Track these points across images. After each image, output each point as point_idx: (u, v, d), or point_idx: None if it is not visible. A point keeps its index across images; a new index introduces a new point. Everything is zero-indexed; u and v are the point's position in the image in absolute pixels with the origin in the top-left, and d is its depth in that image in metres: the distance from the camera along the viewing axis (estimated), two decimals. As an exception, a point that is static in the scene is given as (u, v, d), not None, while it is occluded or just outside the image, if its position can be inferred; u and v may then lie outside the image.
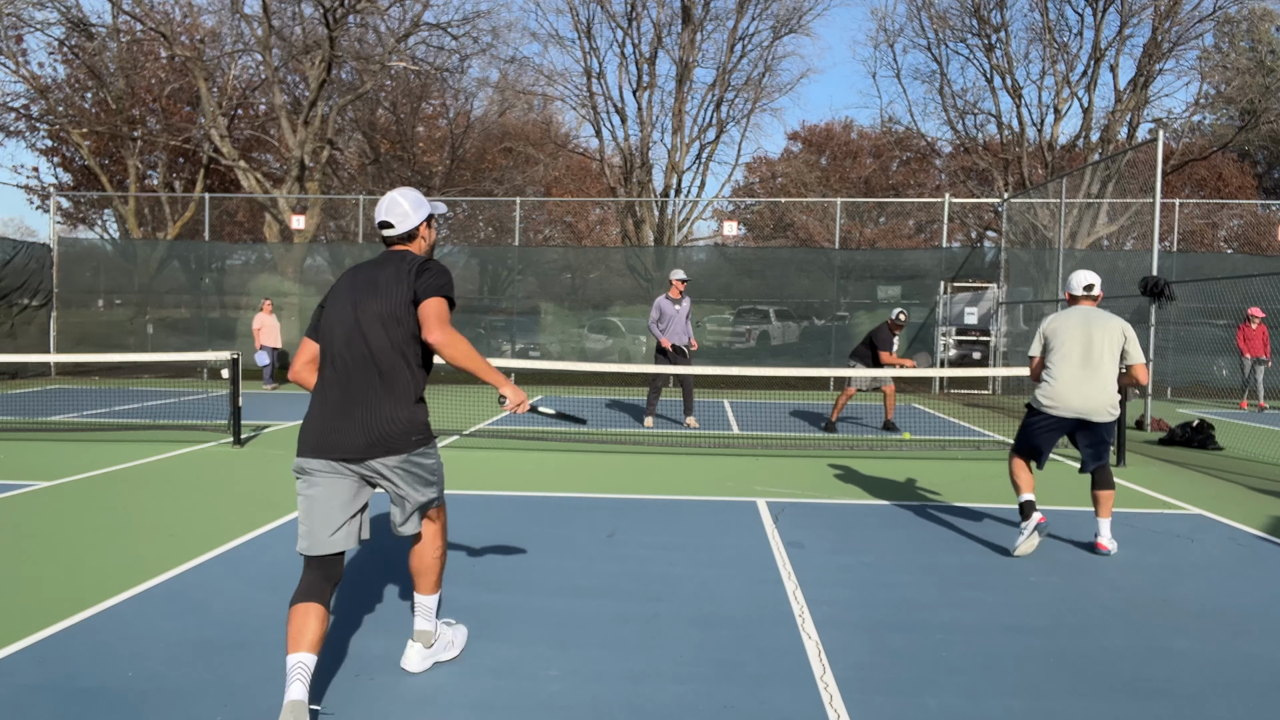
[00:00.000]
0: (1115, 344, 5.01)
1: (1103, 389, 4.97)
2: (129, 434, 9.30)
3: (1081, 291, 5.23)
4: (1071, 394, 4.98)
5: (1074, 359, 5.00)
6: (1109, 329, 5.01)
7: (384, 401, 3.05)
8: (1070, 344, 5.02)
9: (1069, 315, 5.11)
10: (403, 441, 3.07)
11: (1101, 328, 5.01)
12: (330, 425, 3.02)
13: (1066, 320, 5.09)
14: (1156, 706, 3.14)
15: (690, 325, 10.67)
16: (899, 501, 6.56)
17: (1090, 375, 4.97)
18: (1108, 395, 4.98)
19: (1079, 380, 4.98)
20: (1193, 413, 12.73)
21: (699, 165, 24.22)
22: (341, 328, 3.10)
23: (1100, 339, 4.99)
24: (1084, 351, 4.99)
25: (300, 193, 20.13)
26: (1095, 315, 5.07)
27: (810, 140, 38.23)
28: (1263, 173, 33.47)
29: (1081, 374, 4.98)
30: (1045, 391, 5.08)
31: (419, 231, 3.32)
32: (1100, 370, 4.97)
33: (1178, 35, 20.41)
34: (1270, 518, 6.17)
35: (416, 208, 3.29)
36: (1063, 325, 5.08)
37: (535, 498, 6.50)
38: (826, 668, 3.44)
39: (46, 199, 26.57)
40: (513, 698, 3.14)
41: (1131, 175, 20.65)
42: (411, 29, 21.15)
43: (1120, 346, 5.03)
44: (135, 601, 4.07)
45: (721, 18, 23.30)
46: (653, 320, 10.44)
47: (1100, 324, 5.02)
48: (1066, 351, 5.02)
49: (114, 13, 21.34)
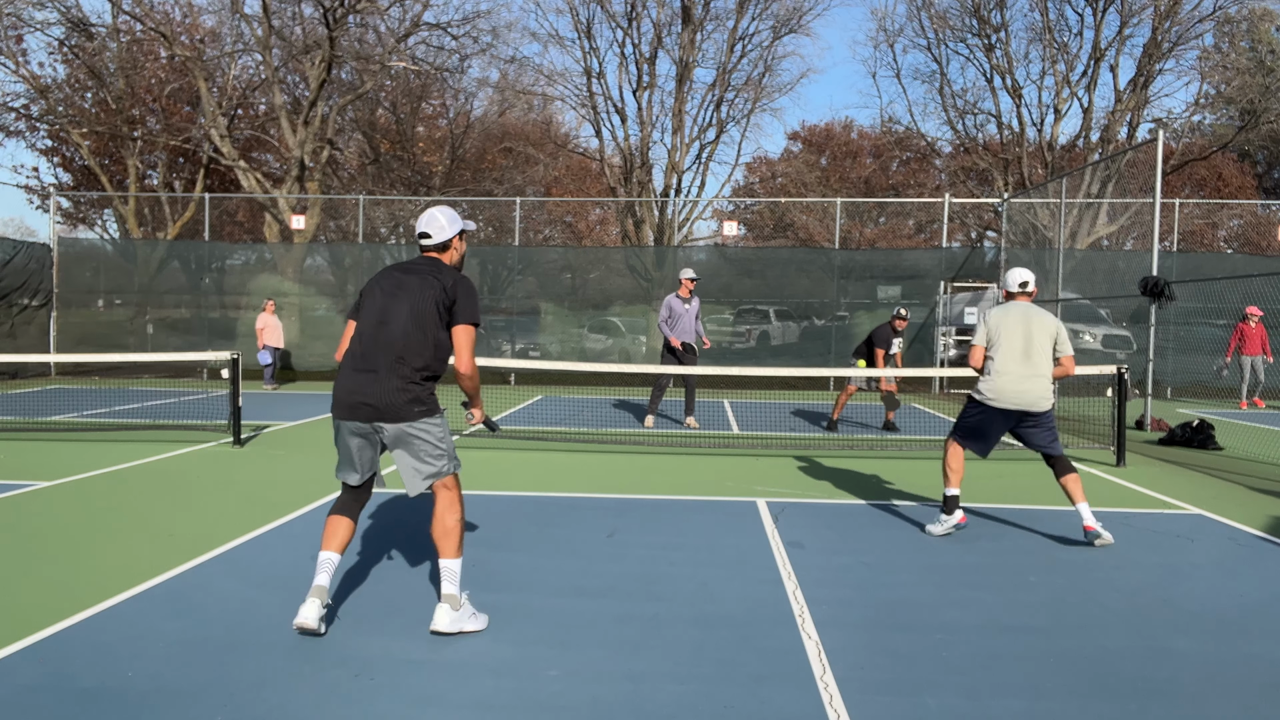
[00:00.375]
0: (1050, 338, 5.35)
1: (1040, 383, 5.30)
2: (129, 434, 9.30)
3: (1017, 289, 5.56)
4: (1011, 388, 5.29)
5: (1016, 354, 5.31)
6: (1045, 324, 5.36)
7: (393, 377, 3.59)
8: (1012, 339, 5.33)
9: (1009, 311, 5.43)
10: (405, 412, 3.60)
11: (1039, 323, 5.34)
12: (349, 389, 3.65)
13: (1008, 316, 5.40)
14: (1156, 706, 3.14)
15: (701, 324, 10.70)
16: (899, 501, 6.56)
17: (1030, 371, 5.30)
18: (1044, 386, 5.32)
19: (1021, 375, 5.29)
20: (1193, 413, 12.73)
21: (699, 165, 24.22)
22: (373, 313, 3.70)
23: (1038, 334, 5.32)
24: (1025, 347, 5.31)
25: (300, 193, 20.13)
26: (1033, 311, 5.40)
27: (810, 140, 38.23)
28: (1263, 173, 33.47)
29: (1023, 369, 5.30)
30: (989, 385, 5.37)
31: (452, 243, 3.87)
32: (1039, 364, 5.31)
33: (1178, 35, 20.42)
34: (1270, 518, 6.17)
35: (452, 223, 3.85)
36: (1006, 322, 5.38)
37: (535, 498, 6.50)
38: (826, 668, 3.44)
39: (46, 199, 26.57)
40: (513, 698, 3.14)
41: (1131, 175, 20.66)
42: (411, 29, 21.15)
43: (1054, 341, 5.37)
44: (135, 601, 4.07)
45: (721, 18, 23.30)
46: (662, 319, 10.41)
47: (1037, 320, 5.35)
48: (1007, 346, 5.33)
49: (114, 13, 21.34)
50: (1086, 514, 5.29)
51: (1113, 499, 6.73)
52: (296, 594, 4.21)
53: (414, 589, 4.33)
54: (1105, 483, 7.42)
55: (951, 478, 5.48)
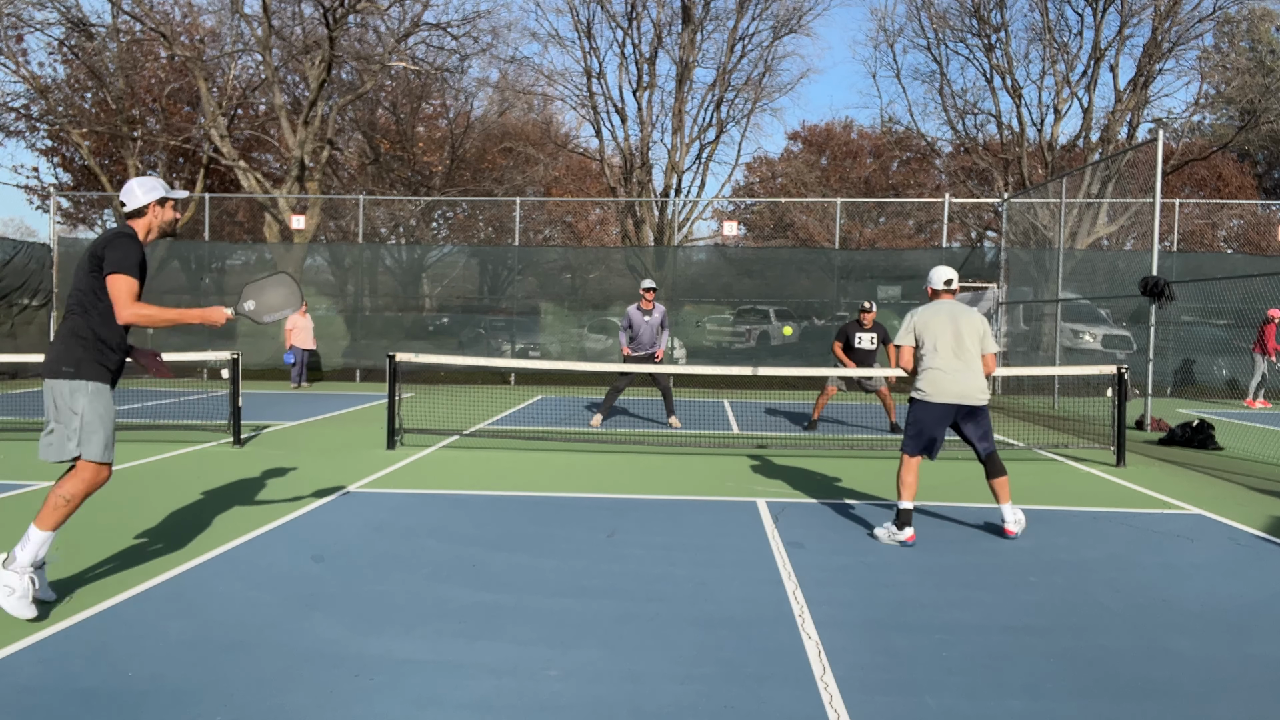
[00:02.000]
0: (978, 334, 5.42)
1: (975, 376, 5.39)
2: (129, 434, 9.30)
3: (942, 286, 5.61)
4: (950, 382, 5.34)
5: (946, 350, 5.38)
6: (972, 321, 5.43)
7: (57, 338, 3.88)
8: (943, 337, 5.39)
9: (937, 309, 5.48)
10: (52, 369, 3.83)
11: (966, 320, 5.42)
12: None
13: (936, 314, 5.45)
14: (1156, 706, 3.14)
15: (664, 334, 10.60)
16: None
17: (964, 364, 5.37)
18: (980, 380, 5.40)
19: (955, 369, 5.36)
20: (1193, 413, 12.73)
21: (699, 165, 24.22)
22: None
23: (966, 330, 5.39)
24: (955, 343, 5.38)
25: (300, 193, 20.13)
26: (959, 308, 5.49)
27: (810, 140, 38.24)
28: (1263, 173, 33.47)
29: (956, 363, 5.37)
30: (926, 381, 5.42)
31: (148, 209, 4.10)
32: (971, 359, 5.39)
33: (1178, 35, 20.41)
34: (1270, 518, 6.17)
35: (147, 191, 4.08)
36: (933, 321, 5.43)
37: (535, 498, 6.50)
38: (826, 668, 3.44)
39: (46, 199, 26.58)
40: (513, 698, 3.14)
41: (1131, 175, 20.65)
42: (411, 29, 21.15)
43: (981, 336, 5.44)
44: (135, 601, 4.07)
45: (721, 18, 23.31)
46: (622, 328, 10.52)
47: (964, 316, 5.44)
48: (939, 344, 5.39)
49: (114, 13, 21.34)
50: (1009, 516, 5.42)
51: (1113, 499, 6.73)
52: (297, 594, 4.21)
53: (414, 589, 4.33)
54: (1105, 483, 7.42)
55: (904, 492, 5.37)
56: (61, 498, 3.73)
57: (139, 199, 4.04)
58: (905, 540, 5.31)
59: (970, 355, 5.37)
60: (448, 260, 22.78)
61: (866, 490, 6.97)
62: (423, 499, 6.35)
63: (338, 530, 5.43)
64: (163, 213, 4.13)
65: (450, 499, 6.38)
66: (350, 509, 6.03)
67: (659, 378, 10.36)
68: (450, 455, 8.30)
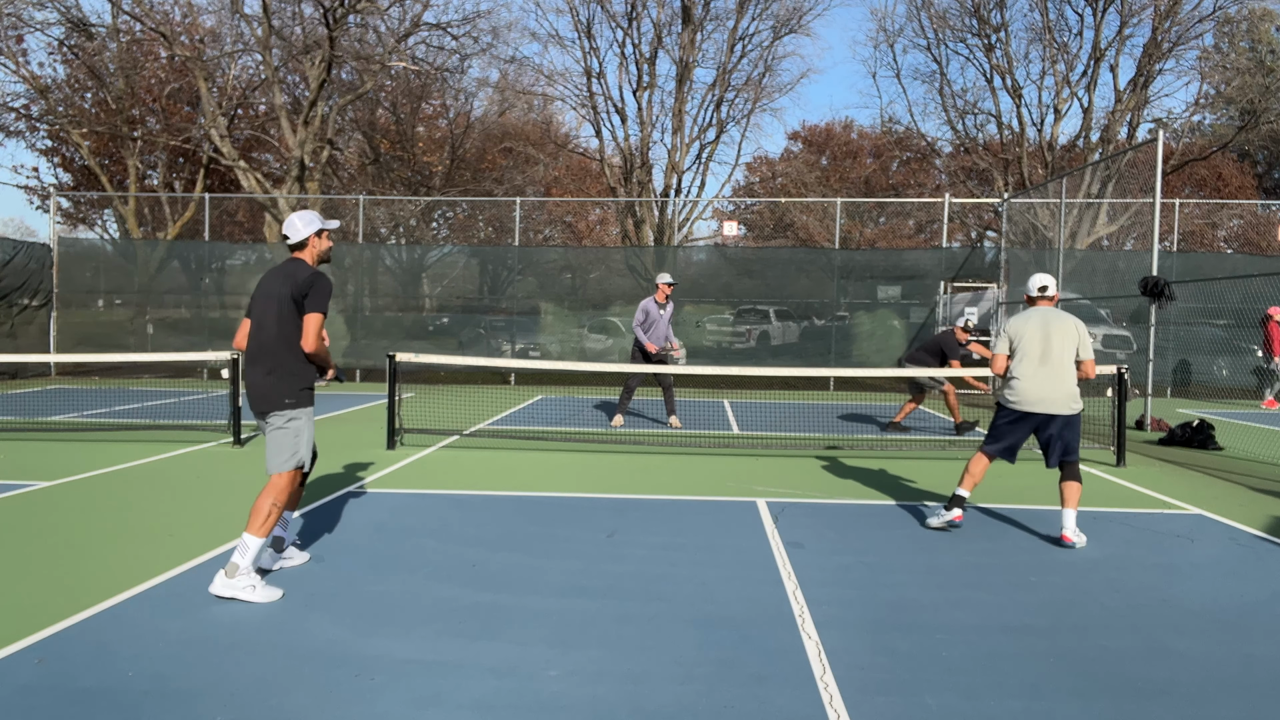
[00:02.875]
0: (1071, 341, 5.40)
1: (1061, 383, 5.37)
2: (129, 434, 9.30)
3: (1037, 293, 5.66)
4: (1032, 389, 5.39)
5: (1034, 357, 5.42)
6: (1065, 328, 5.42)
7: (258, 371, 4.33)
8: (1030, 343, 5.44)
9: (1029, 316, 5.52)
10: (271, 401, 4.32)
11: (1059, 327, 5.42)
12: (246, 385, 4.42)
13: (1027, 322, 5.50)
14: (1156, 706, 3.14)
15: (671, 329, 10.77)
16: (899, 501, 6.56)
17: (1049, 371, 5.38)
18: (1067, 389, 5.38)
19: (1041, 376, 5.39)
20: (1193, 413, 12.73)
21: (699, 165, 24.23)
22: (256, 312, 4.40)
23: (1057, 337, 5.39)
24: (1043, 350, 5.40)
25: (300, 193, 20.13)
26: (1052, 315, 5.49)
27: (810, 140, 38.25)
28: (1263, 173, 33.48)
29: (1041, 370, 5.39)
30: (1011, 388, 5.50)
31: (309, 242, 4.47)
32: (1058, 366, 5.38)
33: (1177, 35, 20.42)
34: (1270, 518, 6.17)
35: (307, 224, 4.43)
36: (1024, 326, 5.49)
37: (535, 498, 6.50)
38: (826, 668, 3.44)
39: (46, 199, 26.58)
40: (513, 698, 3.14)
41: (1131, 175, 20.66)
42: (411, 29, 21.15)
43: (1076, 343, 5.41)
44: (135, 601, 4.07)
45: (721, 18, 23.31)
46: (638, 323, 10.50)
47: (1057, 323, 5.43)
48: (1027, 350, 5.44)
49: (114, 13, 21.34)
50: (1070, 524, 5.34)
51: (1113, 499, 6.72)
52: (297, 594, 4.21)
53: (414, 589, 4.33)
54: (1105, 483, 7.42)
55: (967, 480, 5.62)
56: (275, 506, 4.23)
57: (301, 232, 4.42)
58: (953, 520, 5.55)
59: (1059, 362, 5.37)
60: (448, 260, 22.77)
61: (867, 490, 6.97)
62: (423, 499, 6.35)
63: (338, 530, 5.44)
64: (320, 242, 4.50)
65: (450, 499, 6.38)
66: (350, 509, 6.03)
67: (662, 376, 10.40)
68: (450, 455, 8.30)
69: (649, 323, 10.48)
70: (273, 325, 4.28)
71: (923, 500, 6.60)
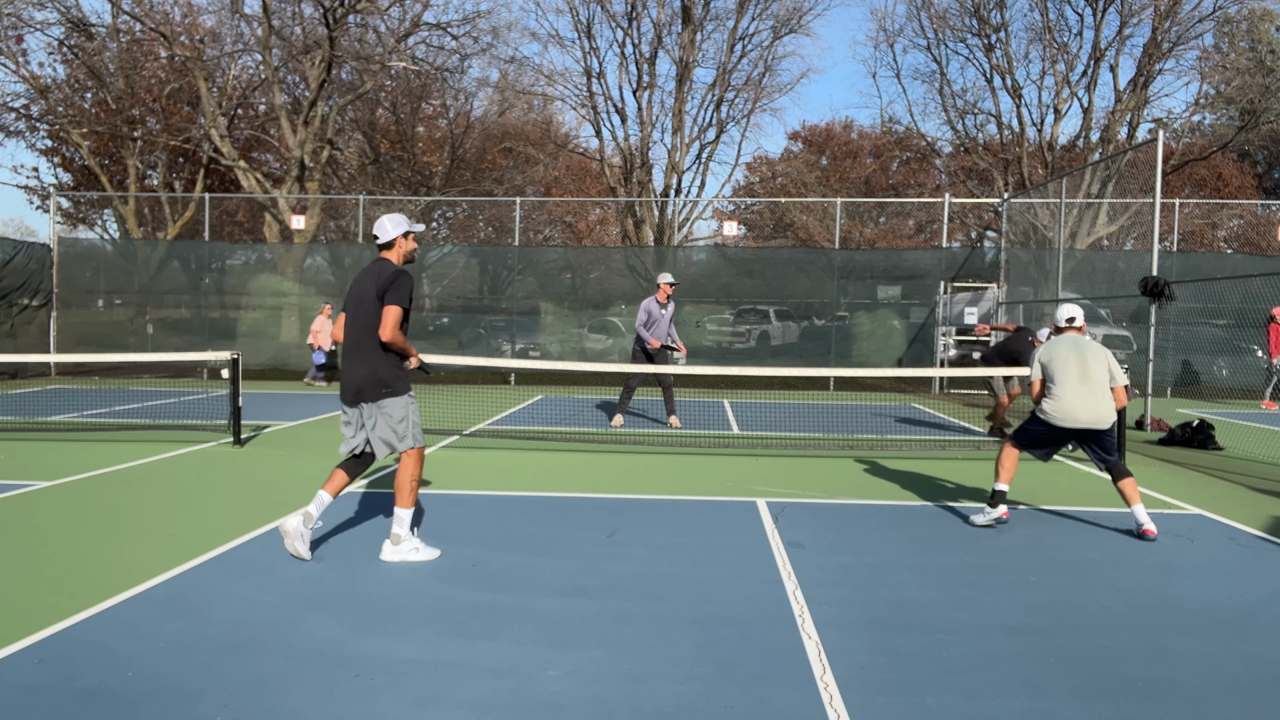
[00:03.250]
0: (1103, 366, 5.72)
1: (1102, 401, 5.64)
2: (129, 434, 9.30)
3: (1065, 323, 6.01)
4: (1078, 409, 5.61)
5: (1073, 378, 5.67)
6: (1097, 353, 5.76)
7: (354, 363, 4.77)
8: (1068, 366, 5.70)
9: (1060, 344, 5.83)
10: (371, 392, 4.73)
11: (1092, 351, 5.75)
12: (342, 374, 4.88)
13: (1059, 349, 5.79)
14: (1156, 706, 3.14)
15: (674, 329, 10.77)
16: (899, 501, 6.56)
17: (1090, 390, 5.64)
18: (1107, 404, 5.65)
19: (1082, 395, 5.63)
20: (1193, 413, 12.73)
21: (699, 165, 24.23)
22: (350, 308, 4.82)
23: (1092, 360, 5.71)
24: (1080, 371, 5.66)
25: (300, 193, 20.13)
26: (1083, 341, 5.83)
27: (810, 140, 38.25)
28: (1263, 173, 33.48)
29: (1083, 389, 5.64)
30: (1053, 407, 5.70)
31: (396, 243, 4.86)
32: (1098, 386, 5.67)
33: (1178, 35, 20.42)
34: (1270, 518, 6.17)
35: (396, 226, 4.84)
36: (1058, 353, 5.77)
37: (535, 498, 6.50)
38: (826, 668, 3.44)
39: (46, 199, 26.58)
40: (513, 698, 3.14)
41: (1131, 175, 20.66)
42: (411, 29, 21.15)
43: (1108, 368, 5.72)
44: (135, 601, 4.07)
45: (721, 18, 23.32)
46: (640, 323, 10.51)
47: (1090, 349, 5.77)
48: (1066, 373, 5.69)
49: (114, 13, 21.34)
50: (1143, 517, 5.56)
51: (1113, 499, 6.72)
52: (297, 594, 4.21)
53: (414, 589, 4.33)
54: (1105, 483, 7.42)
55: (1002, 474, 5.79)
56: (413, 479, 4.75)
57: (390, 233, 4.80)
58: (1000, 516, 5.71)
59: (1097, 383, 5.64)
60: (448, 260, 22.77)
61: (867, 490, 6.97)
62: (423, 499, 6.35)
63: (338, 530, 5.44)
64: (406, 243, 4.86)
65: (450, 499, 6.38)
66: (350, 509, 6.03)
67: (662, 376, 10.40)
68: (450, 455, 8.30)
69: (651, 322, 10.52)
70: (364, 320, 4.69)
71: (923, 500, 6.60)
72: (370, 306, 4.67)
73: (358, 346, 4.72)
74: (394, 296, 4.65)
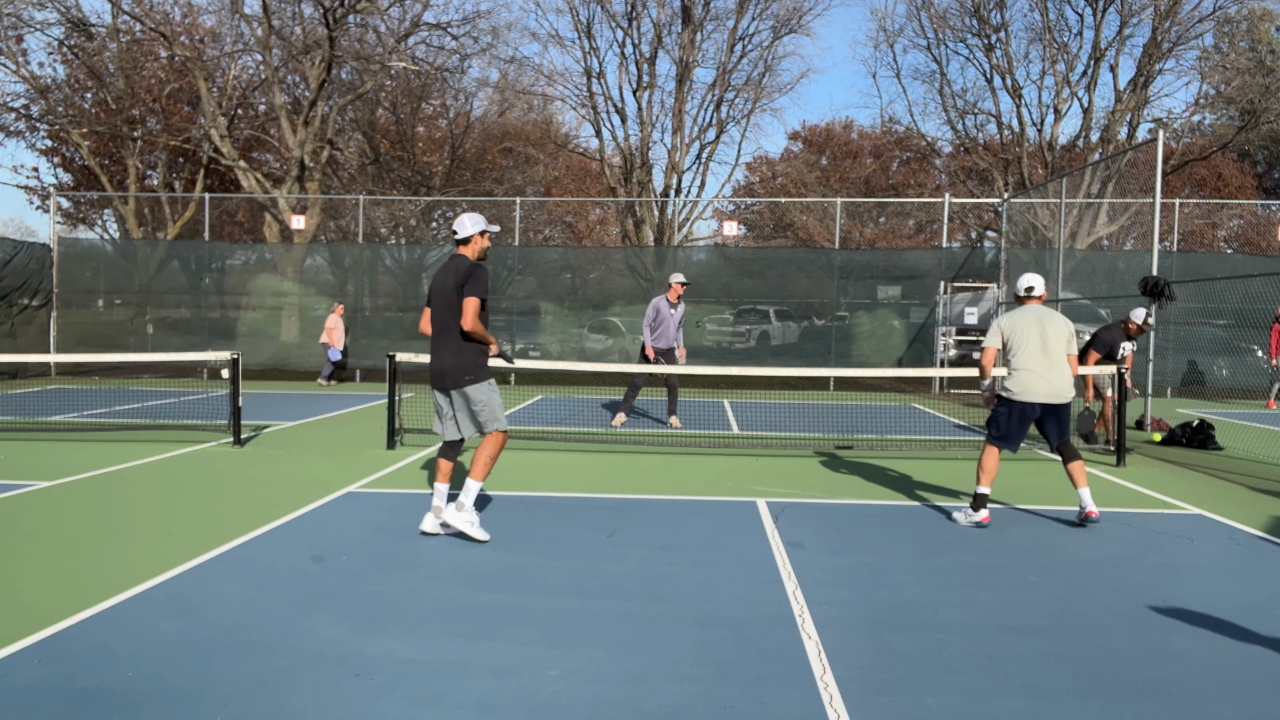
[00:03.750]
0: (1064, 337, 5.69)
1: (1062, 375, 5.67)
2: (129, 434, 9.30)
3: (1024, 292, 5.92)
4: (1038, 382, 5.63)
5: (1034, 351, 5.66)
6: (1058, 325, 5.70)
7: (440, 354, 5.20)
8: (1029, 338, 5.67)
9: (1023, 314, 5.76)
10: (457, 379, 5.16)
11: (1052, 323, 5.70)
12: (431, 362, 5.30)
13: (1022, 319, 5.73)
14: (1156, 706, 3.14)
15: (680, 333, 10.52)
16: (899, 501, 6.56)
17: (1050, 364, 5.65)
18: (1065, 380, 5.68)
19: (1043, 369, 5.64)
20: (1193, 413, 12.73)
21: (699, 165, 24.24)
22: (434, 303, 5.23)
23: (1052, 332, 5.67)
24: (1041, 344, 5.69)
25: (300, 193, 20.13)
26: (1045, 312, 5.76)
27: (810, 140, 38.25)
28: (1263, 173, 33.48)
29: (1043, 363, 5.65)
30: (1014, 381, 5.71)
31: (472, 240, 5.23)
32: (1057, 359, 5.66)
33: (1177, 35, 20.43)
34: (1270, 518, 6.17)
35: (473, 223, 5.22)
36: (1020, 323, 5.72)
37: (535, 498, 6.50)
38: (826, 668, 3.44)
39: (46, 199, 26.59)
40: (513, 698, 3.14)
41: (1131, 175, 20.66)
42: (411, 29, 21.16)
43: (1068, 339, 5.70)
44: (135, 601, 4.07)
45: (721, 18, 23.32)
46: (648, 320, 10.35)
47: (1050, 320, 5.71)
48: (1028, 346, 5.67)
49: (114, 13, 21.34)
50: (1088, 500, 5.64)
51: (1113, 499, 6.72)
52: (296, 594, 4.21)
53: (414, 589, 4.33)
54: (1105, 483, 7.42)
55: (983, 477, 5.76)
56: (490, 457, 5.11)
57: (468, 229, 5.18)
58: (981, 521, 5.67)
59: (1057, 356, 5.63)
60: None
61: (867, 490, 6.97)
62: (423, 499, 6.35)
63: (338, 530, 5.44)
64: (482, 241, 5.23)
65: (450, 499, 6.38)
66: (350, 509, 6.03)
67: (669, 377, 10.38)
68: (450, 455, 8.30)
69: (659, 320, 10.36)
70: (446, 313, 5.08)
71: (923, 500, 6.60)
72: (451, 299, 5.03)
73: (442, 336, 5.11)
74: (472, 288, 5.00)
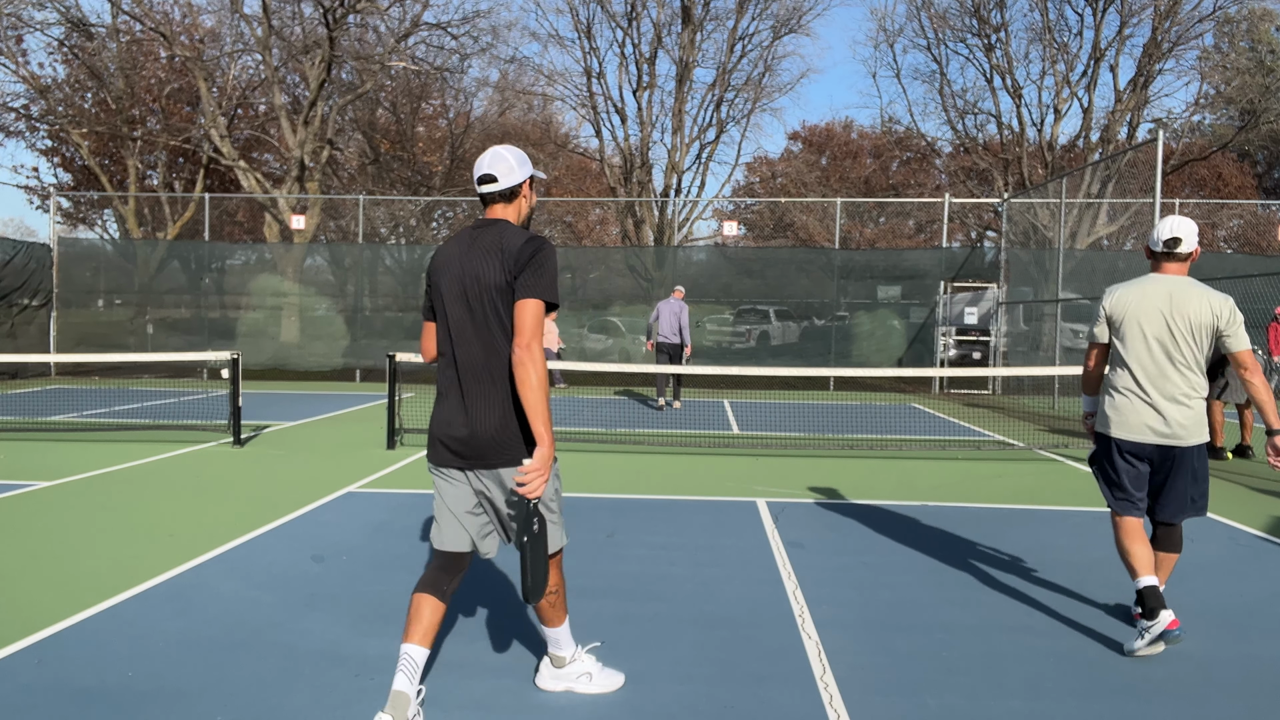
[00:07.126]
0: (1205, 328, 3.71)
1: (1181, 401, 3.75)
2: (129, 434, 9.30)
3: (1161, 248, 3.79)
4: (1136, 412, 3.80)
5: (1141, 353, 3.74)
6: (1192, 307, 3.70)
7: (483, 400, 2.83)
8: (1141, 330, 3.66)
9: (1145, 286, 3.80)
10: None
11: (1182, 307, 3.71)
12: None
13: (1141, 294, 3.79)
14: (1156, 706, 3.14)
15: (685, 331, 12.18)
16: (899, 501, 6.55)
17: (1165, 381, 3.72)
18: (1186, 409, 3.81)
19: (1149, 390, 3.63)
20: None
21: (699, 165, 24.24)
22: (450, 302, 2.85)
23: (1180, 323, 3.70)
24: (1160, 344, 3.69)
25: (300, 193, 20.13)
26: (1179, 288, 3.73)
27: (810, 140, 38.25)
28: (1263, 173, 33.47)
29: (1152, 380, 3.71)
30: (1109, 405, 3.89)
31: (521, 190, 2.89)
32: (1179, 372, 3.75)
33: (1177, 35, 20.42)
34: (1270, 518, 6.17)
35: (521, 163, 2.88)
36: (1136, 301, 3.78)
37: (535, 498, 6.50)
38: (826, 668, 3.44)
39: (46, 199, 26.60)
40: (513, 698, 3.14)
41: (1131, 175, 20.65)
42: (411, 29, 21.16)
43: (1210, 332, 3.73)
44: (135, 601, 4.07)
45: (721, 18, 23.32)
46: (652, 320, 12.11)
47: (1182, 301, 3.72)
48: (1133, 343, 3.74)
49: (114, 13, 21.34)
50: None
51: (1113, 499, 6.72)
52: (296, 594, 4.21)
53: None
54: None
55: (1132, 563, 3.66)
56: (561, 585, 3.08)
57: (516, 175, 2.86)
58: (1168, 628, 3.45)
59: (1182, 364, 3.59)
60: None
61: (866, 490, 6.97)
62: (423, 499, 6.35)
63: (338, 530, 5.43)
64: (531, 196, 2.98)
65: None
66: (350, 509, 6.03)
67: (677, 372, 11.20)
68: (450, 455, 8.29)
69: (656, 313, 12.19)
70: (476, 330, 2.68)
71: (923, 500, 6.60)
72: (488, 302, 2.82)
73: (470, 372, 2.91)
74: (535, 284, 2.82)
